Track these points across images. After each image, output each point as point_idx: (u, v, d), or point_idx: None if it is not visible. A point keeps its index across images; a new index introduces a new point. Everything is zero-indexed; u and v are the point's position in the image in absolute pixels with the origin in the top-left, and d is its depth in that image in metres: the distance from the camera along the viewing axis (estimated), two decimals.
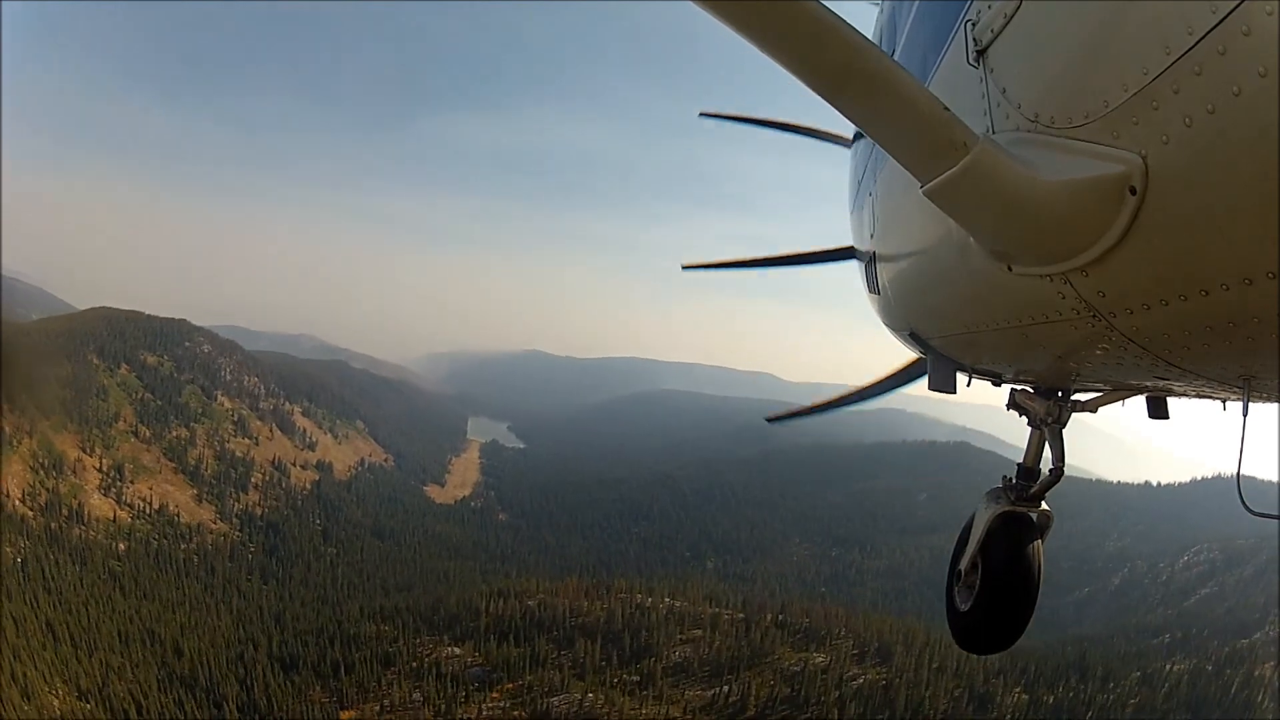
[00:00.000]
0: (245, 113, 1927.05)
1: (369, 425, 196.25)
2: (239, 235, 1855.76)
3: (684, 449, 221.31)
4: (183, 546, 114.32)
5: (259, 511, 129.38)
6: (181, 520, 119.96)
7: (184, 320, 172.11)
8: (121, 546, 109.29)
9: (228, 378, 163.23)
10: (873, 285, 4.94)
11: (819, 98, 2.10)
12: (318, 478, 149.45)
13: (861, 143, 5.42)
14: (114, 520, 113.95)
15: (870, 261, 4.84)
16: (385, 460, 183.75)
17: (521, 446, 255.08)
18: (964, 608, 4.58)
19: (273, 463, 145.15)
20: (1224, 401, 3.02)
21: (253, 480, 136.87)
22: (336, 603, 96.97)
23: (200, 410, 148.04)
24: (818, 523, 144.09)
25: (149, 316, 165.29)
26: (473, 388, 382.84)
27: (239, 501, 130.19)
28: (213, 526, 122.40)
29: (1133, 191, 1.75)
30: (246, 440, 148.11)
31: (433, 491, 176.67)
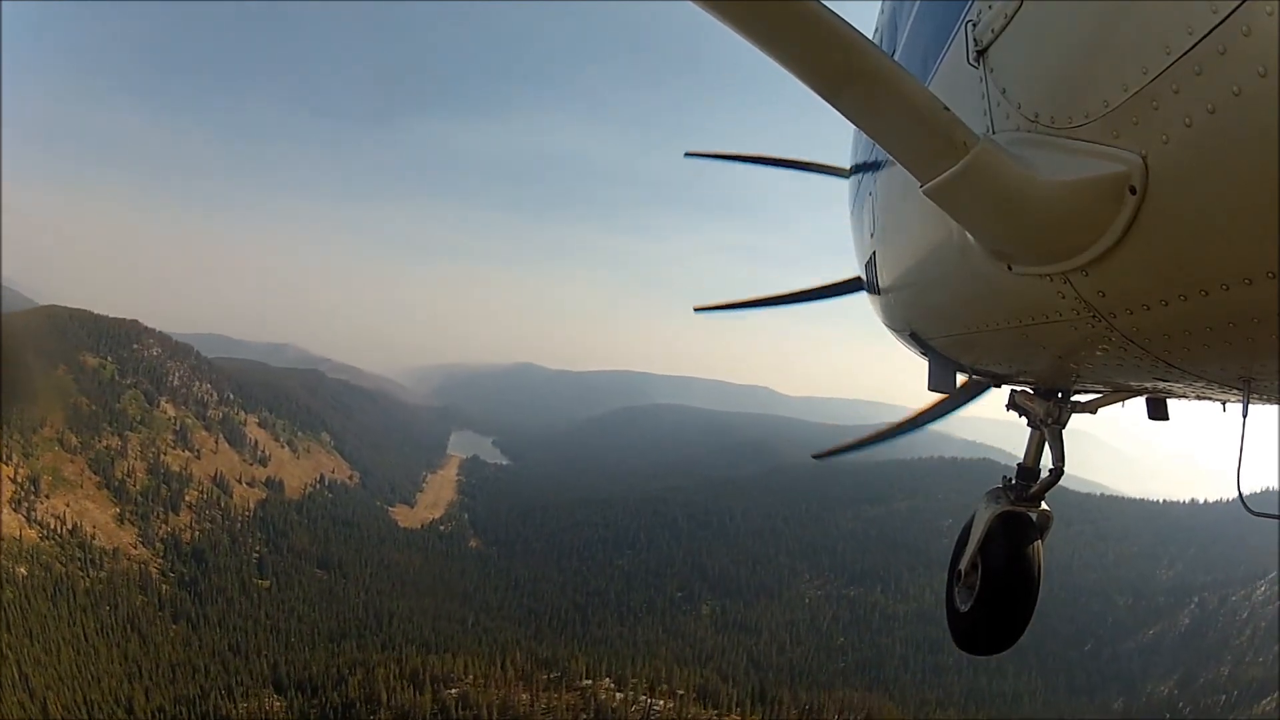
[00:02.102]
0: (232, 119, 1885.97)
1: (335, 438, 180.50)
2: (224, 242, 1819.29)
3: (678, 466, 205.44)
4: (90, 574, 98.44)
5: (188, 536, 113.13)
6: (95, 543, 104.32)
7: (135, 321, 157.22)
8: (21, 571, 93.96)
9: (175, 383, 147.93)
10: (872, 286, 4.92)
11: (819, 98, 2.09)
12: (264, 496, 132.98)
13: (861, 142, 5.35)
14: (19, 539, 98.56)
15: (870, 262, 4.81)
16: (350, 477, 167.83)
17: (505, 463, 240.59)
18: (964, 608, 4.56)
19: (214, 478, 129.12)
20: (1224, 403, 3.01)
21: (186, 499, 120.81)
22: (246, 654, 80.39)
23: (138, 418, 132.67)
24: (829, 554, 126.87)
25: (96, 316, 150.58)
26: (460, 401, 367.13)
27: (166, 523, 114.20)
28: (131, 552, 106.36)
29: (1133, 191, 1.74)
30: (186, 452, 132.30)
31: (399, 513, 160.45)
